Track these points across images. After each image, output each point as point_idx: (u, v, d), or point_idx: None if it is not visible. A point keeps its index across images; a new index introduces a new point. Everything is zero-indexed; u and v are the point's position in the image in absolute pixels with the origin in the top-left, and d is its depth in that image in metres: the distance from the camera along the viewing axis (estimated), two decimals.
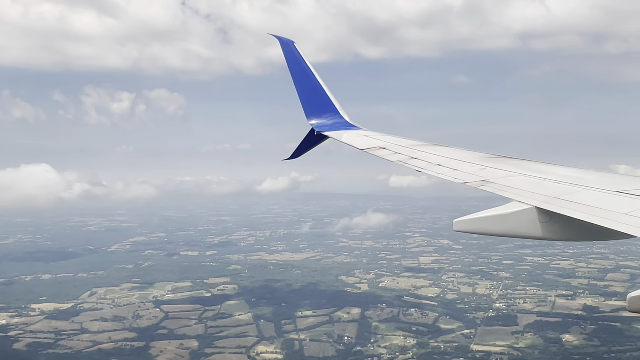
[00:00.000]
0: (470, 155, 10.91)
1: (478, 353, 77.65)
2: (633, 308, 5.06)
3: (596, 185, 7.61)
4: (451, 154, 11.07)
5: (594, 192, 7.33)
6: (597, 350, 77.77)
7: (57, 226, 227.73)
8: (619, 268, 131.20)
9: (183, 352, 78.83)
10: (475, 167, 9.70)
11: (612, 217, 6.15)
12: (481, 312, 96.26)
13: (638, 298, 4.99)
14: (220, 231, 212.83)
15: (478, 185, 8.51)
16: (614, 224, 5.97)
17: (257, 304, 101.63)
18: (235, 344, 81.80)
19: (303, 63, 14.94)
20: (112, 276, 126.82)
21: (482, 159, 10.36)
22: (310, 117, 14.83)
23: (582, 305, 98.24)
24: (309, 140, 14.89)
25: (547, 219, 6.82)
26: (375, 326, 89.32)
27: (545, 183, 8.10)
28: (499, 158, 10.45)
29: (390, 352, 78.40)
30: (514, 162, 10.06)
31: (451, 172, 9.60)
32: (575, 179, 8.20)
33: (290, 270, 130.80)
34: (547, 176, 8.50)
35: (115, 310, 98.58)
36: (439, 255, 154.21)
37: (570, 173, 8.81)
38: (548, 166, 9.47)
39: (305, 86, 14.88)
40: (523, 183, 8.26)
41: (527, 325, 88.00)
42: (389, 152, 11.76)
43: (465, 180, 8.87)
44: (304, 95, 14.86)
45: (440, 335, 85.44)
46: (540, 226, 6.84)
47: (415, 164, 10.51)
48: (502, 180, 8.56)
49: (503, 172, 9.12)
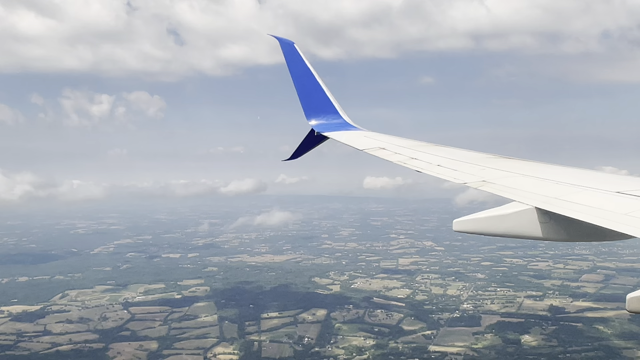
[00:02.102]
0: (470, 155, 10.93)
1: (434, 354, 77.65)
2: (632, 308, 5.07)
3: (596, 186, 7.57)
4: (451, 155, 11.09)
5: (594, 192, 7.29)
6: (554, 350, 77.68)
7: (45, 229, 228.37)
8: (596, 269, 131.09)
9: (141, 353, 79.07)
10: (475, 167, 9.70)
11: (612, 217, 6.14)
12: (447, 313, 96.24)
13: (637, 298, 5.01)
14: (206, 233, 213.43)
15: (478, 186, 8.47)
16: (613, 224, 5.95)
17: (225, 306, 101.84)
18: (194, 346, 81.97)
19: (303, 64, 14.94)
20: (89, 278, 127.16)
21: (482, 160, 10.37)
22: (310, 118, 14.83)
23: (549, 306, 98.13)
24: (309, 140, 14.90)
25: (547, 220, 6.82)
26: (338, 327, 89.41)
27: (545, 183, 8.08)
28: (499, 158, 10.45)
29: (348, 353, 78.46)
30: (514, 162, 10.07)
31: (451, 172, 9.60)
32: (575, 179, 8.16)
33: (266, 272, 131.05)
34: (547, 177, 8.47)
35: (83, 312, 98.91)
36: (419, 257, 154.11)
37: (570, 174, 8.80)
38: (548, 167, 9.48)
39: (305, 87, 14.89)
40: (523, 183, 8.26)
41: (489, 326, 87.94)
42: (389, 153, 11.74)
43: (465, 180, 8.86)
44: (304, 96, 14.87)
45: (401, 336, 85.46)
46: (540, 226, 6.84)
47: (416, 164, 10.53)
48: (502, 180, 8.56)
49: (503, 172, 9.12)
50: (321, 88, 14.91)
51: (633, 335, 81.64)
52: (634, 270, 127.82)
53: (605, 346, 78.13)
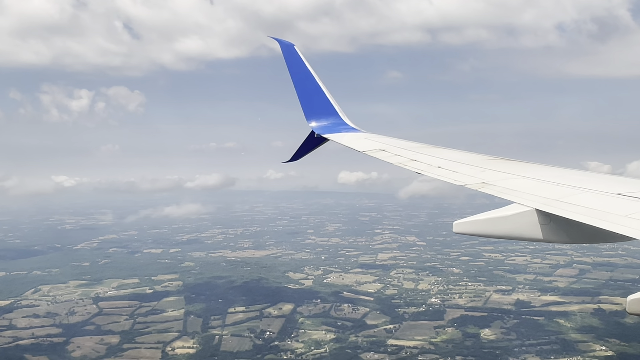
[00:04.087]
0: (470, 157, 10.92)
1: (391, 347, 77.93)
2: (632, 310, 5.04)
3: (596, 187, 7.52)
4: (451, 156, 11.07)
5: (594, 194, 7.23)
6: (511, 344, 77.89)
7: (34, 225, 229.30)
8: (572, 264, 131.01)
9: (101, 347, 79.48)
10: (475, 169, 9.66)
11: (612, 219, 6.10)
12: (414, 307, 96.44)
13: (637, 301, 5.00)
14: (192, 229, 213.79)
15: (478, 188, 8.45)
16: (614, 226, 5.92)
17: (194, 301, 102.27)
18: (155, 340, 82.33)
19: (303, 65, 14.85)
20: (65, 273, 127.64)
21: (482, 161, 10.32)
22: (310, 120, 14.77)
23: (515, 301, 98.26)
24: (309, 142, 14.83)
25: (547, 221, 6.79)
26: (302, 322, 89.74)
27: (545, 185, 8.04)
28: (499, 160, 10.41)
29: (306, 347, 78.79)
30: (514, 164, 10.06)
31: (451, 174, 9.58)
32: (575, 181, 8.10)
33: (241, 267, 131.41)
34: (547, 178, 8.44)
35: (52, 307, 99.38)
36: (399, 252, 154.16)
37: (570, 175, 8.78)
38: (548, 168, 9.47)
39: (305, 88, 14.82)
40: (523, 185, 8.22)
41: (451, 320, 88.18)
42: (389, 155, 11.73)
43: (465, 182, 8.83)
44: (303, 97, 14.81)
45: (363, 330, 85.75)
46: (540, 228, 6.81)
47: (416, 166, 10.52)
48: (502, 182, 8.52)
49: (503, 174, 9.07)
50: (321, 89, 14.88)
51: (592, 330, 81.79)
52: (610, 265, 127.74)
53: (562, 340, 78.32)
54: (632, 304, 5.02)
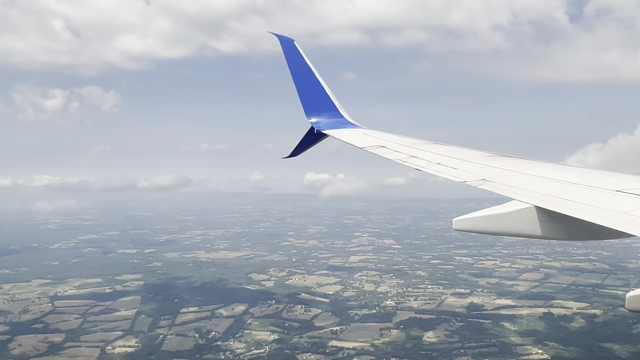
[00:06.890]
0: (470, 154, 10.93)
1: (330, 349, 77.82)
2: (632, 307, 5.05)
3: (596, 184, 7.55)
4: (451, 153, 11.10)
5: (594, 191, 7.24)
6: (451, 346, 77.64)
7: (17, 224, 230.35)
8: (539, 268, 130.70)
9: (42, 345, 79.63)
10: (475, 165, 9.67)
11: (612, 216, 6.12)
12: (366, 309, 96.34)
13: (637, 297, 5.01)
14: (174, 230, 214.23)
15: (478, 184, 8.44)
16: (613, 223, 5.93)
17: (150, 300, 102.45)
18: (99, 339, 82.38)
19: (303, 62, 14.83)
20: (32, 272, 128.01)
21: (482, 158, 10.34)
22: (309, 116, 14.77)
23: (468, 304, 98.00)
24: (308, 138, 14.83)
25: (547, 218, 6.80)
26: (250, 322, 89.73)
27: (544, 182, 8.06)
28: (499, 157, 10.44)
29: (247, 348, 78.78)
30: (514, 161, 10.06)
31: (451, 170, 9.57)
32: (575, 178, 8.13)
33: (206, 268, 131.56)
34: (547, 175, 8.47)
35: (7, 305, 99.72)
36: (372, 255, 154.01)
37: (569, 172, 8.81)
38: (548, 165, 9.46)
39: (305, 85, 14.82)
40: (523, 182, 8.25)
41: (398, 323, 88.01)
42: (388, 151, 11.67)
43: (465, 179, 8.84)
44: (303, 93, 14.80)
45: (309, 331, 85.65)
46: (539, 225, 6.82)
47: (415, 162, 10.51)
48: (501, 179, 8.54)
49: (503, 171, 9.09)
50: (321, 86, 14.86)
51: (534, 333, 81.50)
52: (577, 270, 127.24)
53: (501, 343, 78.01)
54: (631, 301, 5.01)
